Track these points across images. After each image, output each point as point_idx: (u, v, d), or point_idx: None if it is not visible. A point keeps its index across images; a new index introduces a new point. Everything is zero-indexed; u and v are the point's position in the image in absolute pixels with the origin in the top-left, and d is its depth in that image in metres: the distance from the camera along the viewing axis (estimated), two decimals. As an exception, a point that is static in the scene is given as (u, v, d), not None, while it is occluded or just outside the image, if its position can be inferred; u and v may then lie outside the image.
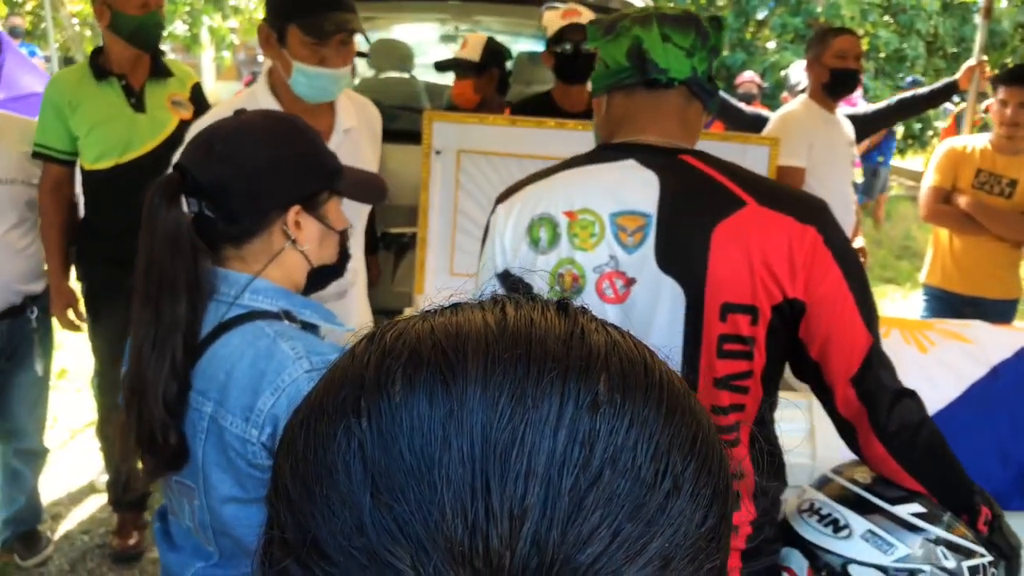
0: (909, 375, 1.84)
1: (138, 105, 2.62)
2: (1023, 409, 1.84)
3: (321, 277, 1.30)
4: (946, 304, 3.42)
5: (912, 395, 1.29)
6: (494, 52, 3.11)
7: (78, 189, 2.73)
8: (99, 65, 2.60)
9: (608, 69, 1.35)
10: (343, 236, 1.30)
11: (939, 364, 1.88)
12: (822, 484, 1.41)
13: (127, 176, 2.53)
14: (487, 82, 3.07)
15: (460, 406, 0.37)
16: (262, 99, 2.00)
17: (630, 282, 1.28)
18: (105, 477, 3.29)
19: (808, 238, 1.23)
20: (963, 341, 1.94)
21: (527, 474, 0.35)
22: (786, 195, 1.30)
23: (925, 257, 3.63)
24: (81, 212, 2.76)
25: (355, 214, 2.10)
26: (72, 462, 3.48)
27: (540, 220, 1.33)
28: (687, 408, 0.41)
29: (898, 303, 6.28)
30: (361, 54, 3.68)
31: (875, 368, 1.26)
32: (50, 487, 3.20)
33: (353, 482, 0.37)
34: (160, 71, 2.69)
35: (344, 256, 1.32)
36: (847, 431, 1.30)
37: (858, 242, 3.31)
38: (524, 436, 0.36)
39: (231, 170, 1.16)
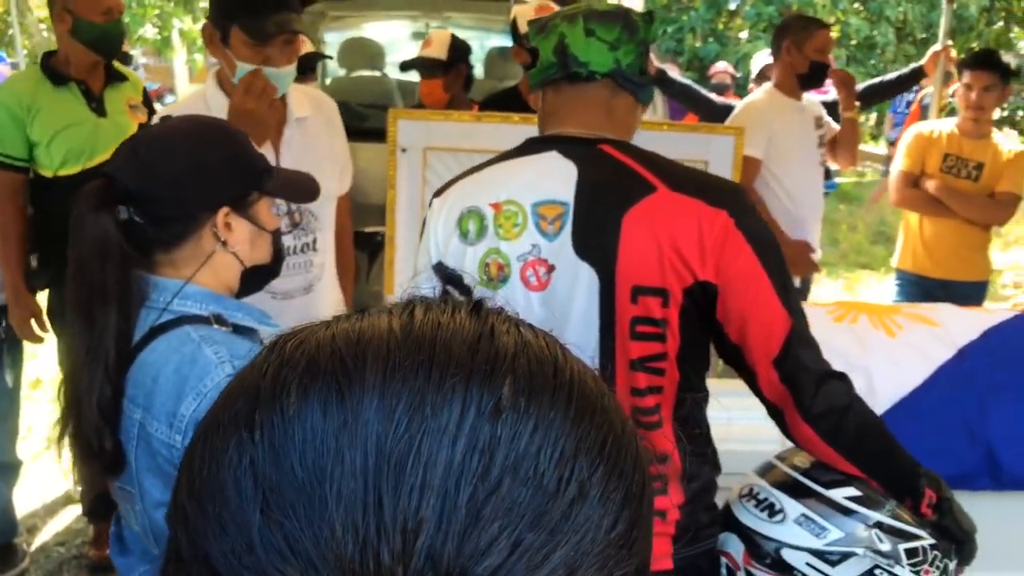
0: (877, 359, 1.86)
1: (99, 110, 2.62)
2: (990, 390, 1.86)
3: (256, 278, 1.31)
4: (918, 288, 3.45)
5: (841, 377, 1.30)
6: (459, 49, 3.09)
7: None
8: (55, 70, 2.57)
9: (540, 65, 1.40)
10: (276, 236, 1.31)
11: (907, 347, 1.89)
12: (765, 470, 1.43)
13: None
14: (454, 80, 3.06)
15: (355, 417, 0.36)
16: (211, 98, 2.00)
17: (551, 269, 1.32)
18: (80, 488, 3.27)
19: (719, 221, 1.26)
20: (930, 324, 1.96)
21: (422, 486, 0.35)
22: (699, 180, 1.35)
23: (898, 242, 3.67)
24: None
25: (322, 210, 2.10)
26: (47, 473, 3.44)
27: (469, 213, 1.38)
28: (598, 409, 0.40)
29: (873, 288, 6.33)
30: (322, 55, 3.66)
31: (797, 349, 1.27)
32: (25, 499, 3.17)
33: (243, 499, 0.36)
34: (115, 76, 2.70)
35: (279, 255, 1.33)
36: (775, 413, 1.33)
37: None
38: (421, 447, 0.35)
39: (156, 175, 1.17)
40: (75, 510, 3.22)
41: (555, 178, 1.33)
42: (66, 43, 2.58)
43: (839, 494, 1.32)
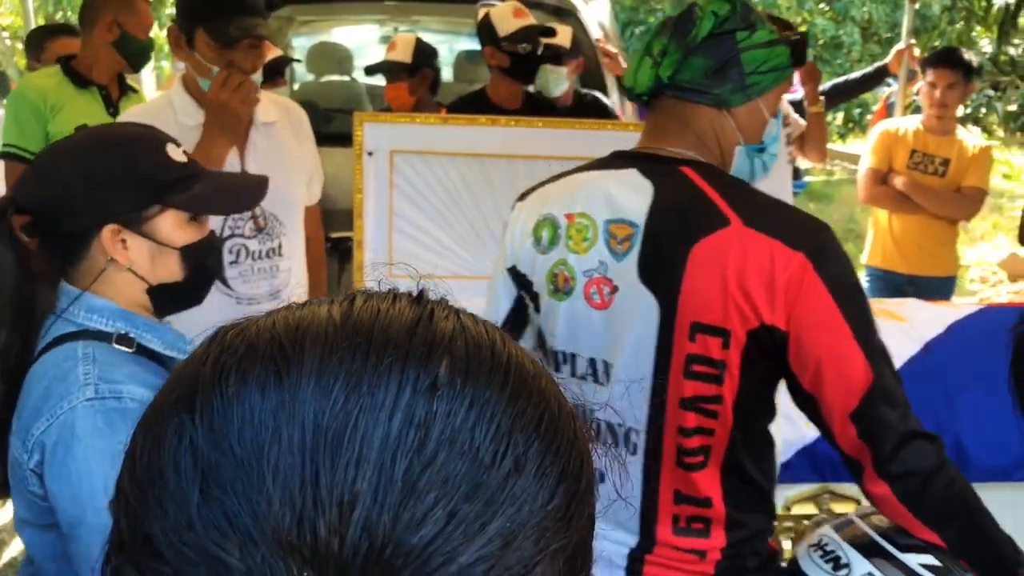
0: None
1: (115, 115, 2.71)
2: (956, 384, 1.88)
3: (167, 296, 1.23)
4: (887, 284, 3.48)
5: (930, 438, 1.21)
6: (425, 52, 3.08)
7: None
8: (78, 74, 2.68)
9: None
10: (190, 251, 1.21)
11: (874, 343, 1.91)
12: (842, 526, 1.34)
13: None
14: (420, 83, 3.04)
15: (292, 396, 0.37)
16: (177, 100, 1.98)
17: (614, 289, 1.28)
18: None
19: (795, 264, 1.17)
20: (897, 320, 1.98)
21: (359, 460, 0.35)
22: (779, 217, 1.24)
23: (866, 239, 3.70)
24: None
25: (288, 215, 2.08)
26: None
27: (544, 220, 1.35)
28: (535, 389, 0.40)
29: (844, 285, 6.38)
30: (290, 59, 3.64)
31: (878, 405, 1.18)
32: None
33: (183, 478, 0.36)
34: (127, 87, 2.86)
35: (195, 273, 1.23)
36: (853, 467, 1.24)
37: None
38: (357, 422, 0.36)
39: (46, 191, 1.15)
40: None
41: (631, 197, 1.27)
42: (102, 51, 2.69)
43: (914, 560, 1.23)
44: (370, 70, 3.23)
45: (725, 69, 1.27)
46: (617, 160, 1.35)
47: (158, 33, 10.52)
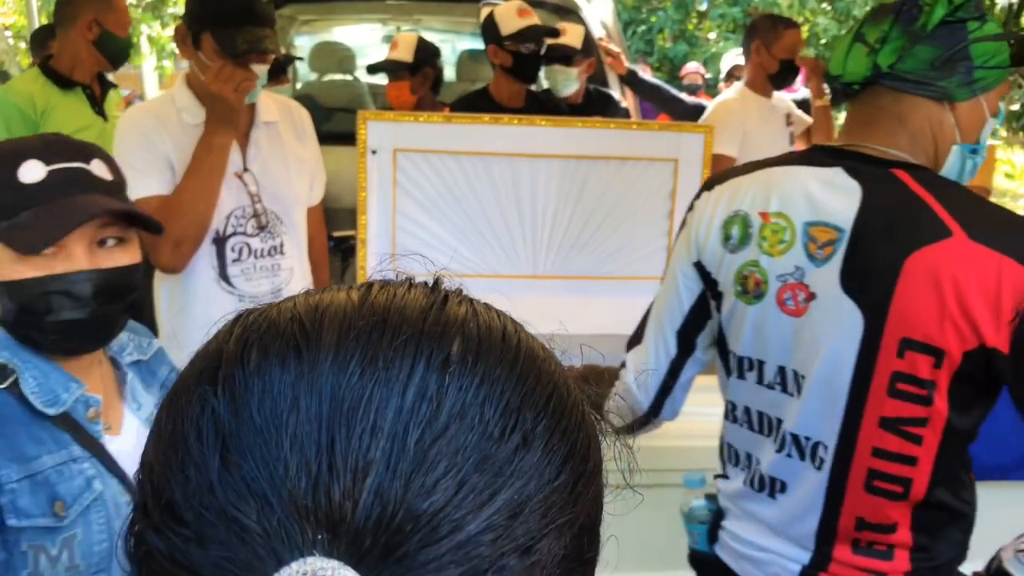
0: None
1: (102, 114, 2.73)
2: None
3: (42, 328, 1.08)
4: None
5: None
6: (426, 51, 3.09)
7: None
8: (60, 75, 2.66)
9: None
10: (21, 290, 1.07)
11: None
12: None
13: None
14: (421, 82, 3.05)
15: (311, 369, 0.38)
16: (180, 98, 1.98)
17: (811, 296, 1.20)
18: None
19: None
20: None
21: (373, 430, 0.37)
22: (1008, 230, 1.14)
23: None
24: None
25: (290, 214, 2.08)
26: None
27: (735, 217, 1.28)
28: (544, 371, 0.42)
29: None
30: (292, 57, 3.64)
31: None
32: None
33: (205, 445, 0.38)
34: (107, 83, 2.84)
35: (27, 317, 1.08)
36: None
37: None
38: (372, 394, 0.38)
39: None
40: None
41: (835, 199, 1.19)
42: (83, 51, 2.68)
43: None
44: (372, 69, 3.24)
45: (953, 61, 1.18)
46: (819, 155, 1.26)
47: (161, 33, 10.54)
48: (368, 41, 6.00)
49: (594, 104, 3.25)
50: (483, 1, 3.28)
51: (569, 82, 3.13)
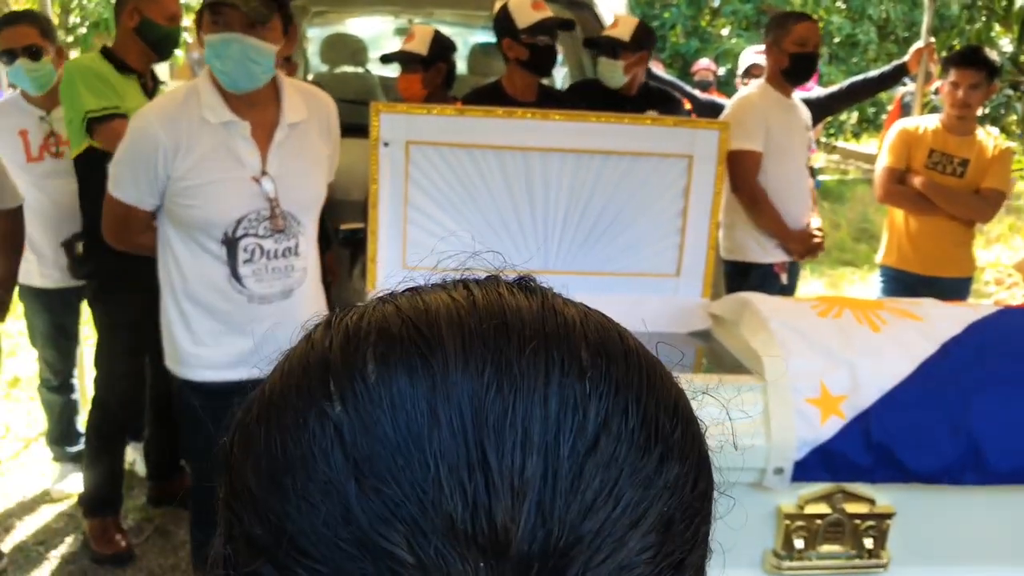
0: (861, 354, 1.86)
1: None
2: (974, 385, 1.86)
3: None
4: (902, 284, 3.45)
5: None
6: (441, 45, 3.07)
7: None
8: (119, 60, 2.69)
9: None
10: None
11: (891, 342, 1.89)
12: None
13: None
14: (434, 76, 3.03)
15: (443, 379, 0.35)
16: (204, 94, 1.97)
17: None
18: (62, 486, 3.23)
19: None
20: (914, 319, 1.96)
21: (524, 443, 0.34)
22: None
23: (881, 239, 3.67)
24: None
25: (306, 215, 2.07)
26: (25, 472, 3.39)
27: None
28: (664, 375, 0.40)
29: (856, 285, 6.35)
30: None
31: None
32: (1, 499, 3.12)
33: (333, 469, 0.34)
34: (157, 80, 2.87)
35: None
36: None
37: (815, 222, 3.34)
38: (515, 405, 0.34)
39: None
40: (54, 508, 3.17)
41: None
42: (129, 39, 2.71)
43: None
44: (386, 59, 3.21)
45: None
46: None
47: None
48: (380, 33, 5.98)
49: (652, 99, 3.20)
50: (497, -7, 3.26)
51: (615, 74, 3.10)
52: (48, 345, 3.22)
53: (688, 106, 3.57)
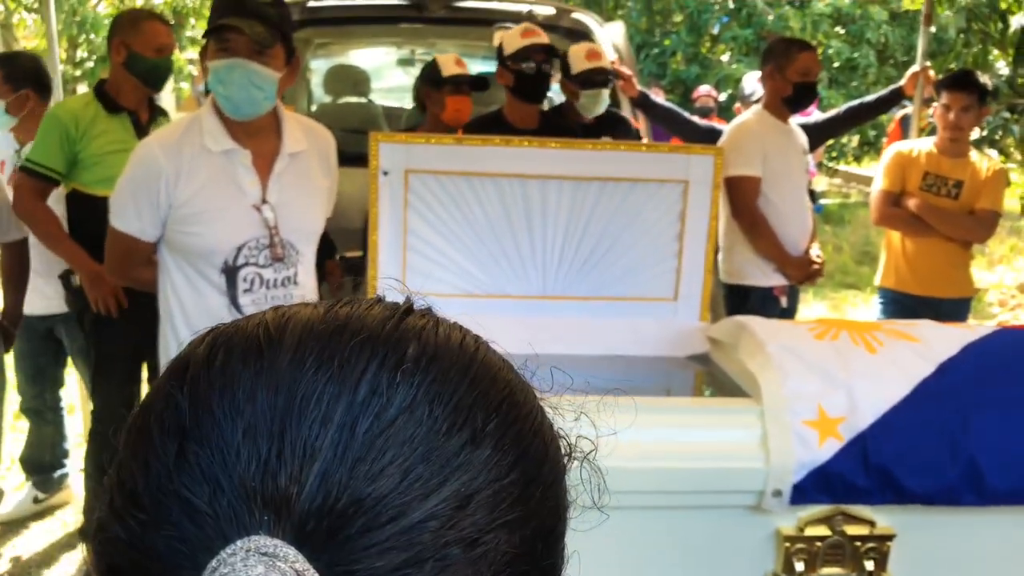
0: (859, 375, 1.87)
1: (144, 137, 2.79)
2: (972, 405, 1.86)
3: None
4: (901, 306, 3.47)
5: None
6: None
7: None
8: (108, 98, 2.74)
9: None
10: None
11: (888, 363, 1.90)
12: None
13: None
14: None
15: (271, 366, 0.41)
16: (206, 123, 2.01)
17: None
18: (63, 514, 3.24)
19: None
20: (910, 340, 1.97)
21: (323, 420, 0.39)
22: None
23: (880, 260, 3.69)
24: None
25: (305, 245, 2.10)
26: (28, 500, 3.40)
27: None
28: (500, 379, 0.44)
29: (859, 308, 6.35)
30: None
31: None
32: (5, 529, 3.13)
33: (166, 436, 0.40)
34: (158, 111, 2.91)
35: None
36: None
37: (814, 250, 3.36)
38: (326, 388, 0.40)
39: None
40: (56, 542, 3.18)
41: None
42: (119, 74, 2.76)
43: None
44: (454, 81, 3.17)
45: None
46: None
47: (178, 56, 10.66)
48: (382, 64, 6.06)
49: (607, 125, 3.27)
50: (496, 24, 3.32)
51: (600, 104, 3.15)
52: (28, 371, 3.25)
53: (637, 126, 3.65)
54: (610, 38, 4.00)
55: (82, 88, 8.35)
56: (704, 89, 7.74)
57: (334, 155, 2.21)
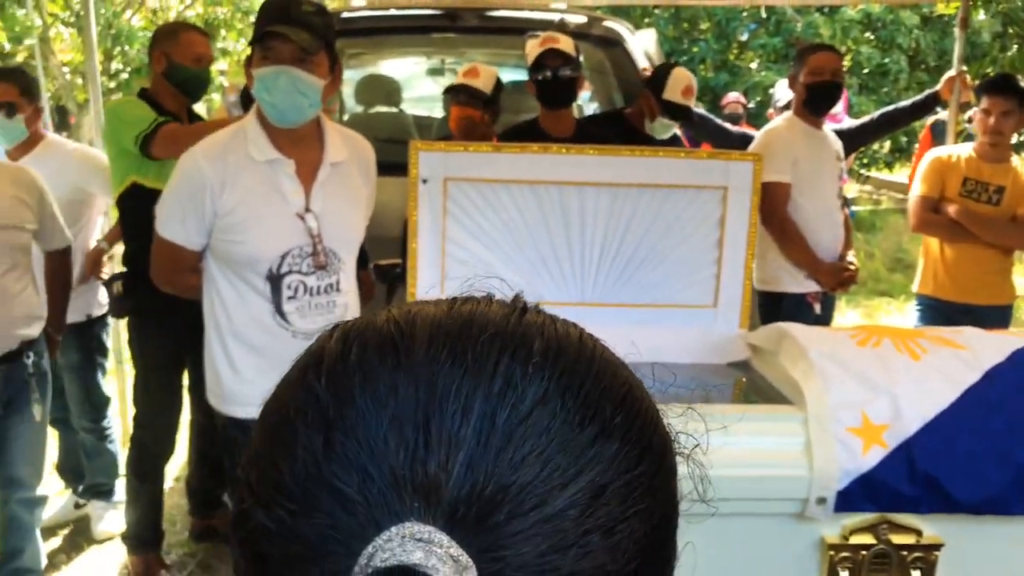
0: (903, 382, 1.85)
1: None
2: (1020, 412, 1.84)
3: None
4: (940, 313, 3.42)
5: None
6: (499, 89, 3.16)
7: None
8: (155, 103, 2.78)
9: None
10: None
11: (932, 370, 1.88)
12: None
13: None
14: (490, 117, 3.10)
15: (407, 359, 0.42)
16: (251, 132, 2.03)
17: None
18: (105, 525, 3.28)
19: None
20: (955, 347, 1.94)
21: (464, 411, 0.40)
22: None
23: (917, 268, 3.65)
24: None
25: (347, 252, 2.12)
26: (68, 510, 3.44)
27: None
28: (619, 374, 0.46)
29: (893, 315, 6.28)
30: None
31: None
32: (49, 534, 3.17)
33: (310, 428, 0.42)
34: (196, 120, 2.97)
35: None
36: None
37: (848, 256, 3.32)
38: (463, 381, 0.41)
39: None
40: (98, 548, 3.22)
41: None
42: (160, 84, 2.82)
43: None
44: (451, 90, 3.23)
45: None
46: None
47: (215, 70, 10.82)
48: (413, 74, 6.09)
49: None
50: (528, 33, 3.33)
51: (666, 133, 3.24)
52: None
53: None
54: (642, 45, 4.00)
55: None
56: (733, 96, 7.71)
57: (373, 164, 2.24)
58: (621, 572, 0.41)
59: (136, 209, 2.70)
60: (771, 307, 3.21)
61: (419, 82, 5.98)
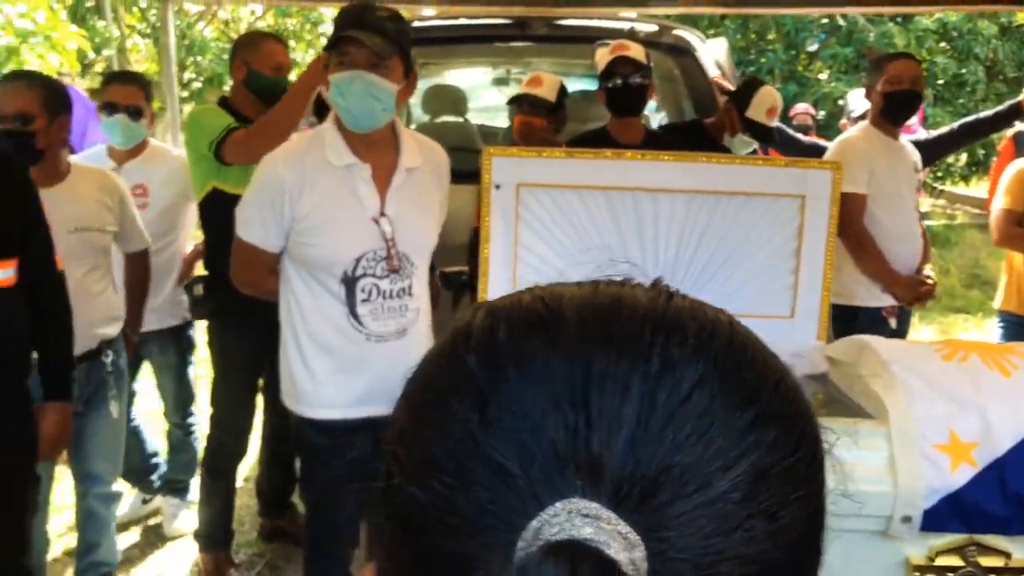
0: (993, 399, 1.78)
1: None
2: (1118, 433, 1.75)
3: None
4: (1024, 330, 3.30)
5: None
6: (564, 96, 3.15)
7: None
8: (235, 111, 2.83)
9: None
10: None
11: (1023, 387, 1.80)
12: None
13: None
14: (557, 123, 3.09)
15: (560, 337, 0.42)
16: (328, 137, 2.06)
17: None
18: (177, 523, 3.34)
19: None
20: (1048, 363, 1.86)
21: (624, 390, 0.40)
22: None
23: (998, 285, 3.52)
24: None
25: (420, 257, 2.13)
26: (141, 509, 3.53)
27: None
28: (771, 361, 0.44)
29: (971, 332, 6.08)
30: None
31: None
32: (121, 530, 3.25)
33: (465, 403, 0.41)
34: None
35: None
36: None
37: (926, 270, 3.23)
38: (620, 361, 0.40)
39: None
40: (171, 545, 3.28)
41: None
42: (240, 92, 2.88)
43: None
44: (515, 100, 3.24)
45: None
46: None
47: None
48: (478, 83, 6.13)
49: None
50: (598, 41, 3.32)
51: (743, 150, 3.23)
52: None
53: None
54: (713, 54, 3.95)
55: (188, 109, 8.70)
56: (802, 107, 7.58)
57: (447, 171, 2.25)
58: (783, 559, 0.40)
59: (217, 213, 2.75)
60: (846, 321, 3.12)
61: (484, 92, 6.01)
